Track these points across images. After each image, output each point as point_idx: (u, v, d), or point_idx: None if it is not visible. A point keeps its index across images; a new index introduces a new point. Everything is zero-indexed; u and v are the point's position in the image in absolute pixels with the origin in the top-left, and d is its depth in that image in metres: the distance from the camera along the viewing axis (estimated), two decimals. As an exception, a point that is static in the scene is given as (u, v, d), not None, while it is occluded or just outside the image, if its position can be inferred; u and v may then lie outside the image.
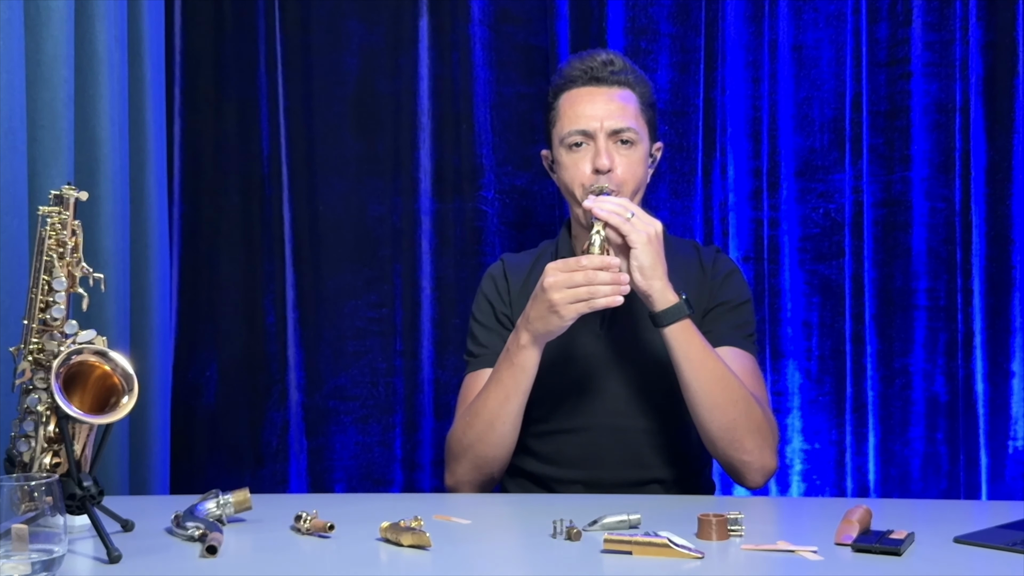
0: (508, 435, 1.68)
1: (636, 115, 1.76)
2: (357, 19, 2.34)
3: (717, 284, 1.80)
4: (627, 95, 1.77)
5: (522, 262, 1.89)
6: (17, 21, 1.76)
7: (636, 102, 1.77)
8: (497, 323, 1.82)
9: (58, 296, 1.35)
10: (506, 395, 1.66)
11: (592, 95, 1.76)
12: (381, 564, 1.27)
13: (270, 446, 2.34)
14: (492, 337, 1.81)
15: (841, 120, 2.29)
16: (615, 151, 1.74)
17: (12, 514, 1.11)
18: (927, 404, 2.26)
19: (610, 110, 1.74)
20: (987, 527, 1.34)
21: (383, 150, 2.35)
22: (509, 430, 1.68)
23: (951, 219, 2.25)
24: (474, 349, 1.83)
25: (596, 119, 1.74)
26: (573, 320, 1.58)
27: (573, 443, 1.76)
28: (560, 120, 1.78)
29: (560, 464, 1.77)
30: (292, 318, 2.33)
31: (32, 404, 1.33)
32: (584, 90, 1.77)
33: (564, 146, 1.77)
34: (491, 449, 1.69)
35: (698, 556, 1.23)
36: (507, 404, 1.66)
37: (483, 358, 1.80)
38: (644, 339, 1.73)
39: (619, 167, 1.73)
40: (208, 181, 2.35)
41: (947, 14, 2.24)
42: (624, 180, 1.73)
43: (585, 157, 1.74)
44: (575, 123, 1.75)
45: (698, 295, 1.77)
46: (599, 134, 1.73)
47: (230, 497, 1.42)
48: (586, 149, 1.75)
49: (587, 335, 1.75)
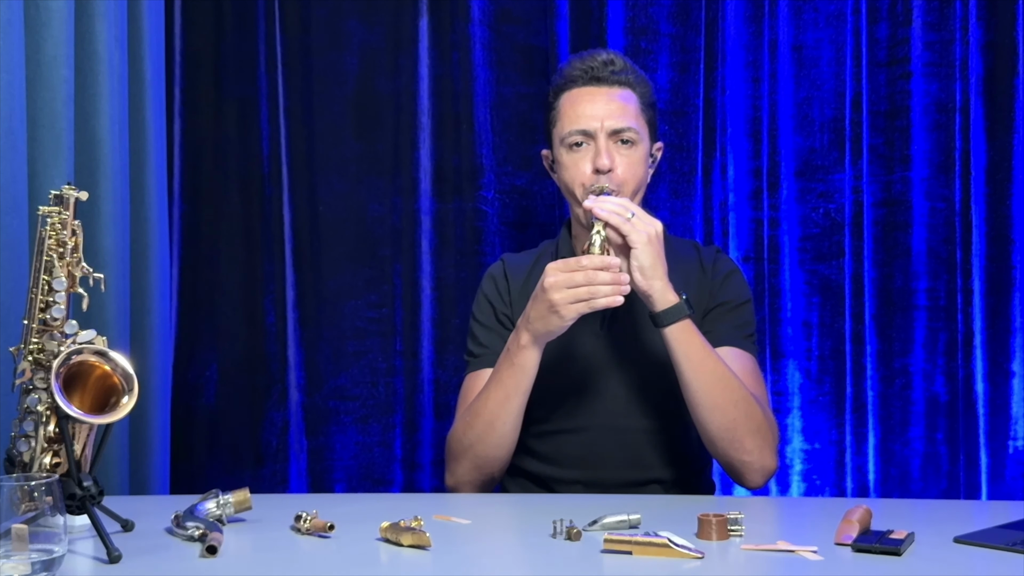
0: (508, 435, 1.68)
1: (636, 115, 1.76)
2: (357, 19, 2.34)
3: (717, 284, 1.80)
4: (627, 95, 1.77)
5: (522, 262, 1.88)
6: (17, 21, 1.76)
7: (636, 102, 1.77)
8: (497, 323, 1.82)
9: (58, 296, 1.35)
10: (506, 395, 1.66)
11: (592, 95, 1.76)
12: (381, 564, 1.27)
13: (270, 446, 2.34)
14: (492, 337, 1.81)
15: (841, 120, 2.29)
16: (615, 151, 1.73)
17: (12, 514, 1.11)
18: (927, 404, 2.26)
19: (610, 110, 1.74)
20: (987, 527, 1.34)
21: (383, 150, 2.36)
22: (509, 430, 1.68)
23: (951, 219, 2.25)
24: (474, 349, 1.83)
25: (596, 119, 1.73)
26: (573, 320, 1.58)
27: (573, 443, 1.75)
28: (560, 120, 1.78)
29: (560, 464, 1.76)
30: (292, 318, 2.33)
31: (32, 404, 1.33)
32: (585, 90, 1.77)
33: (564, 146, 1.77)
34: (491, 449, 1.69)
35: (698, 556, 1.23)
36: (507, 404, 1.66)
37: (483, 358, 1.80)
38: (644, 339, 1.73)
39: (619, 167, 1.73)
40: (208, 181, 2.35)
41: (947, 14, 2.24)
42: (624, 180, 1.73)
43: (585, 157, 1.74)
44: (575, 123, 1.75)
45: (698, 295, 1.76)
46: (599, 134, 1.73)
47: (230, 497, 1.42)
48: (586, 149, 1.74)
49: (587, 335, 1.75)
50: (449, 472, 1.76)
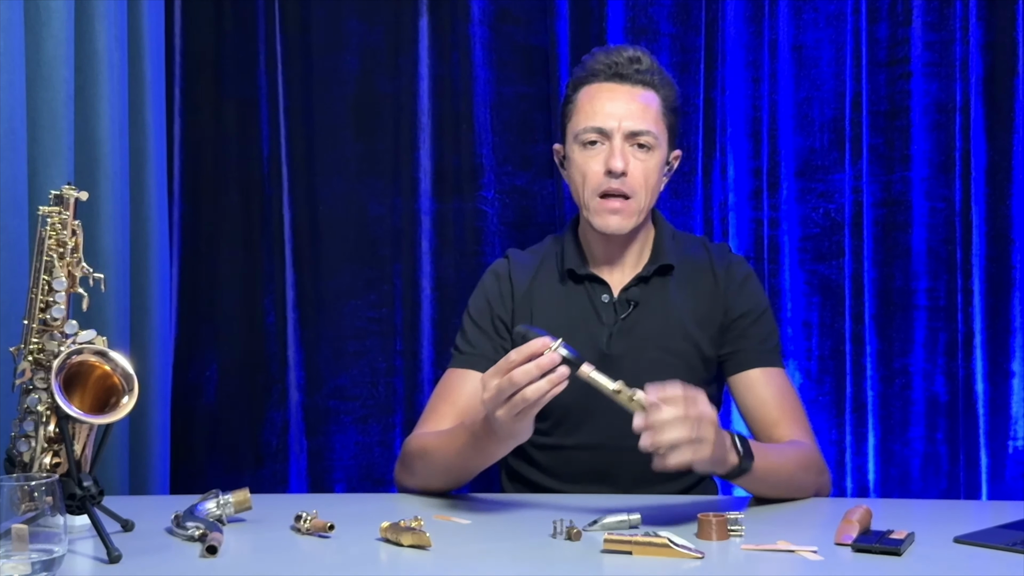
0: (464, 479, 1.61)
1: (657, 119, 1.68)
2: (357, 19, 2.34)
3: (733, 294, 1.74)
4: (650, 96, 1.68)
5: (528, 263, 1.81)
6: (17, 21, 1.76)
7: (659, 105, 1.68)
8: (492, 327, 1.77)
9: (58, 296, 1.35)
10: (465, 462, 1.56)
11: (613, 92, 1.67)
12: (381, 564, 1.27)
13: (270, 446, 2.34)
14: (483, 340, 1.76)
15: (841, 120, 2.29)
16: (631, 154, 1.65)
17: (12, 514, 1.11)
18: (927, 404, 2.26)
19: (630, 110, 1.66)
20: (987, 527, 1.34)
21: (383, 150, 2.35)
22: (465, 477, 1.60)
23: (951, 219, 2.25)
24: (462, 346, 1.77)
25: (615, 118, 1.65)
26: (530, 421, 1.40)
27: (576, 459, 1.72)
28: (576, 114, 1.69)
29: (562, 479, 1.73)
30: (292, 318, 2.33)
31: (32, 404, 1.33)
32: (606, 86, 1.68)
33: (578, 142, 1.68)
34: (445, 486, 1.62)
35: (698, 556, 1.23)
36: (467, 466, 1.57)
37: (470, 358, 1.74)
38: (651, 357, 1.69)
39: (633, 171, 1.65)
40: (208, 181, 2.35)
41: (947, 14, 2.24)
42: (637, 187, 1.66)
43: (598, 156, 1.66)
44: (592, 119, 1.66)
45: (711, 308, 1.72)
46: (616, 134, 1.65)
47: (230, 497, 1.42)
48: (600, 148, 1.66)
49: (592, 352, 1.68)
50: (398, 472, 1.69)
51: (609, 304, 1.73)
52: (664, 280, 1.74)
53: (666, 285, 1.74)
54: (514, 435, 1.43)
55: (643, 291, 1.73)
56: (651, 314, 1.71)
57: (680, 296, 1.73)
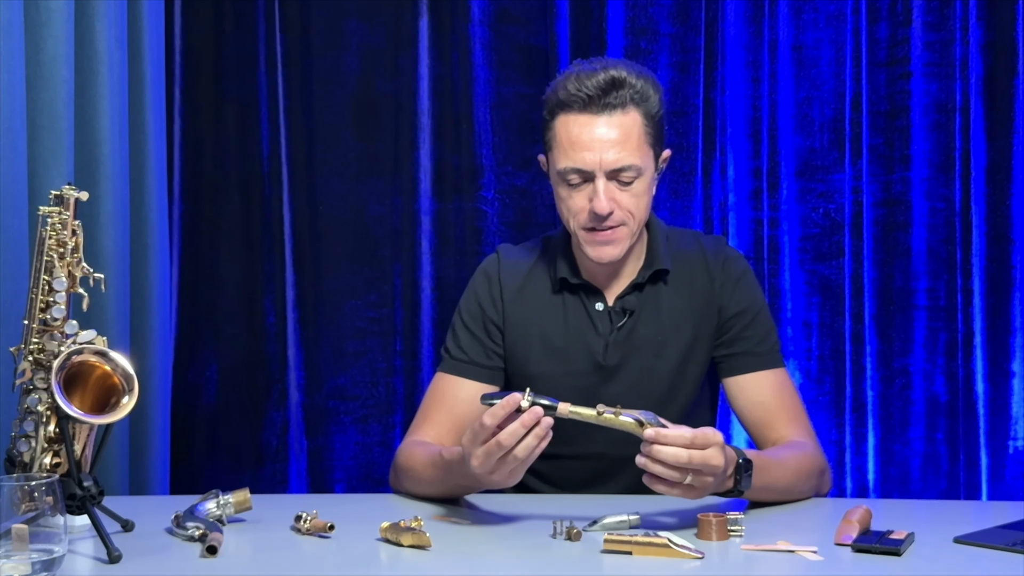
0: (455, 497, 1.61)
1: (639, 142, 1.59)
2: (357, 19, 2.34)
3: (728, 292, 1.70)
4: (629, 119, 1.58)
5: (520, 260, 1.78)
6: (17, 21, 1.76)
7: (640, 125, 1.59)
8: (483, 331, 1.73)
9: (58, 296, 1.35)
10: (454, 492, 1.57)
11: (590, 125, 1.58)
12: (381, 564, 1.27)
13: (270, 446, 2.34)
14: (475, 345, 1.72)
15: (841, 120, 2.29)
16: (615, 190, 1.59)
17: (12, 514, 1.11)
18: (927, 404, 2.26)
19: (610, 143, 1.57)
20: (987, 527, 1.34)
21: (383, 150, 2.36)
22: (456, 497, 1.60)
23: (951, 219, 2.25)
24: (453, 350, 1.74)
25: (595, 157, 1.57)
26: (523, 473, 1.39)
27: (576, 468, 1.71)
28: (555, 148, 1.62)
29: (562, 487, 1.72)
30: (292, 318, 2.33)
31: (32, 404, 1.33)
32: (581, 118, 1.58)
33: (561, 180, 1.62)
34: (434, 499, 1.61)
35: (698, 556, 1.23)
36: (455, 494, 1.58)
37: (460, 365, 1.72)
38: (647, 365, 1.68)
39: (620, 205, 1.59)
40: (208, 181, 2.35)
41: (947, 14, 2.24)
42: (626, 217, 1.61)
43: (583, 193, 1.60)
44: (571, 159, 1.58)
45: (706, 308, 1.69)
46: (598, 174, 1.58)
47: (230, 497, 1.42)
48: (585, 187, 1.60)
49: (588, 363, 1.68)
50: (392, 478, 1.68)
51: (604, 312, 1.70)
52: (659, 285, 1.72)
53: (661, 290, 1.72)
54: (507, 484, 1.42)
55: (638, 298, 1.70)
56: (647, 321, 1.69)
57: (675, 299, 1.71)
